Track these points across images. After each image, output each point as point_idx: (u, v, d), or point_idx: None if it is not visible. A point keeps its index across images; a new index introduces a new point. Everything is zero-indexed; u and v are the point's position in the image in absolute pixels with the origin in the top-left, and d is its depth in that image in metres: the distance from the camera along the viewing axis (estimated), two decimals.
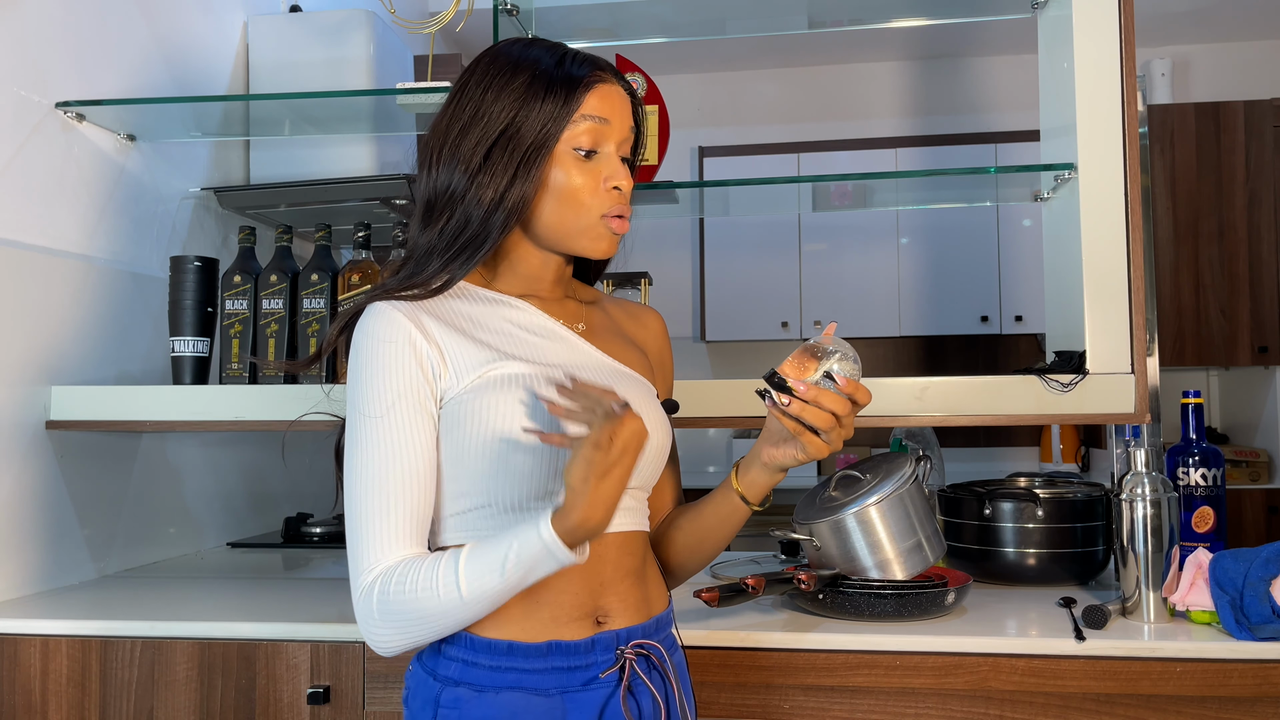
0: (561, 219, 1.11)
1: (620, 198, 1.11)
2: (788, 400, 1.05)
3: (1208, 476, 1.66)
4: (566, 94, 1.08)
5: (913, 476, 1.50)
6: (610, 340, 1.19)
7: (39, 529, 1.77)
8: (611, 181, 1.10)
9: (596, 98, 1.09)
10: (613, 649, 1.07)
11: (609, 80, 1.12)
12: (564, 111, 1.08)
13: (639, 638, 1.09)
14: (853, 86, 4.73)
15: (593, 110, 1.09)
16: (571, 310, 1.19)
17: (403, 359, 1.04)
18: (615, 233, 1.12)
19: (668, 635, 1.16)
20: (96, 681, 1.52)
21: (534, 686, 1.04)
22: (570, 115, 1.08)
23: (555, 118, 1.08)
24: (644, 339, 1.27)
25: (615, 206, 1.11)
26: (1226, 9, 4.11)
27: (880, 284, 4.47)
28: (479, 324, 1.10)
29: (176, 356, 1.82)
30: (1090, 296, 1.63)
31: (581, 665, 1.05)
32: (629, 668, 1.07)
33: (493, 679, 1.04)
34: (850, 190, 2.06)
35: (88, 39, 1.90)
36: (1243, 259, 3.88)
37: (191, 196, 2.17)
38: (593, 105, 1.09)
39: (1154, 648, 1.37)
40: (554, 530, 0.94)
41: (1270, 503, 3.75)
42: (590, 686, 1.05)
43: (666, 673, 1.11)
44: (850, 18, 2.29)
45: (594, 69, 1.11)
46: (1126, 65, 1.64)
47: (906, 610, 1.47)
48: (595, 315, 1.21)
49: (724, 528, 1.19)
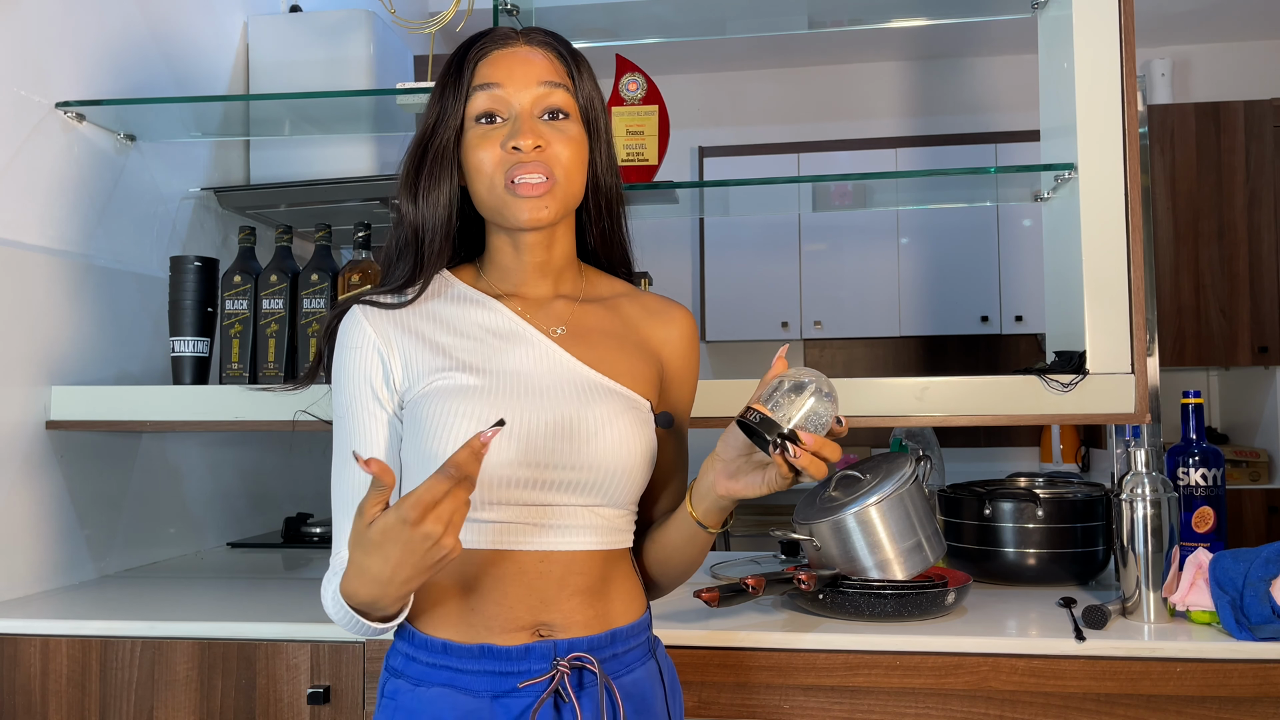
0: (480, 197, 1.08)
1: (517, 156, 1.04)
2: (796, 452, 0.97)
3: (1208, 476, 1.66)
4: (457, 74, 1.07)
5: (913, 476, 1.50)
6: (599, 345, 1.11)
7: (39, 529, 1.77)
8: (510, 141, 1.04)
9: (487, 65, 1.07)
10: (549, 659, 1.03)
11: (503, 45, 1.08)
12: (457, 91, 1.07)
13: (583, 649, 1.04)
14: (853, 86, 4.73)
15: (482, 79, 1.07)
16: (557, 311, 1.12)
17: (363, 363, 1.07)
18: (522, 196, 1.04)
19: (635, 649, 1.10)
20: (96, 681, 1.52)
21: (465, 686, 1.02)
22: (462, 93, 1.07)
23: (453, 100, 1.07)
24: (661, 341, 1.17)
25: (515, 166, 1.04)
26: (1226, 9, 4.11)
27: (880, 284, 4.47)
28: (448, 326, 1.09)
29: (176, 356, 1.82)
30: (1090, 296, 1.63)
31: (514, 671, 1.03)
32: (559, 679, 1.02)
33: (428, 674, 1.04)
34: (850, 190, 2.06)
35: (88, 39, 1.90)
36: (1243, 259, 3.88)
37: (191, 196, 2.17)
38: (482, 74, 1.07)
39: (1154, 648, 1.37)
40: (344, 601, 0.96)
41: (1270, 503, 3.75)
42: (518, 693, 1.02)
43: (612, 687, 1.05)
44: (850, 18, 2.29)
45: (488, 40, 1.09)
46: (1126, 65, 1.64)
47: (906, 610, 1.47)
48: (592, 315, 1.14)
49: (689, 548, 1.12)
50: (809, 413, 0.98)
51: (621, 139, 1.86)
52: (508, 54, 1.08)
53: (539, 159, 1.04)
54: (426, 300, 1.11)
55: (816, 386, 0.99)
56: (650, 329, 1.17)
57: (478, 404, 1.02)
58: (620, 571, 1.11)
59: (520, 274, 1.12)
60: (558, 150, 1.05)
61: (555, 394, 1.06)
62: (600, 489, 1.06)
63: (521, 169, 1.04)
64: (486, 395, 1.03)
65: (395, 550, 0.87)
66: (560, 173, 1.06)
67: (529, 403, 1.04)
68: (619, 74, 1.88)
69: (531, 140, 1.04)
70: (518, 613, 1.03)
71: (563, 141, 1.06)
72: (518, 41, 1.09)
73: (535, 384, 1.06)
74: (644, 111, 1.86)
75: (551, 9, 1.94)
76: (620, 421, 1.06)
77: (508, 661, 1.03)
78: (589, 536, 1.06)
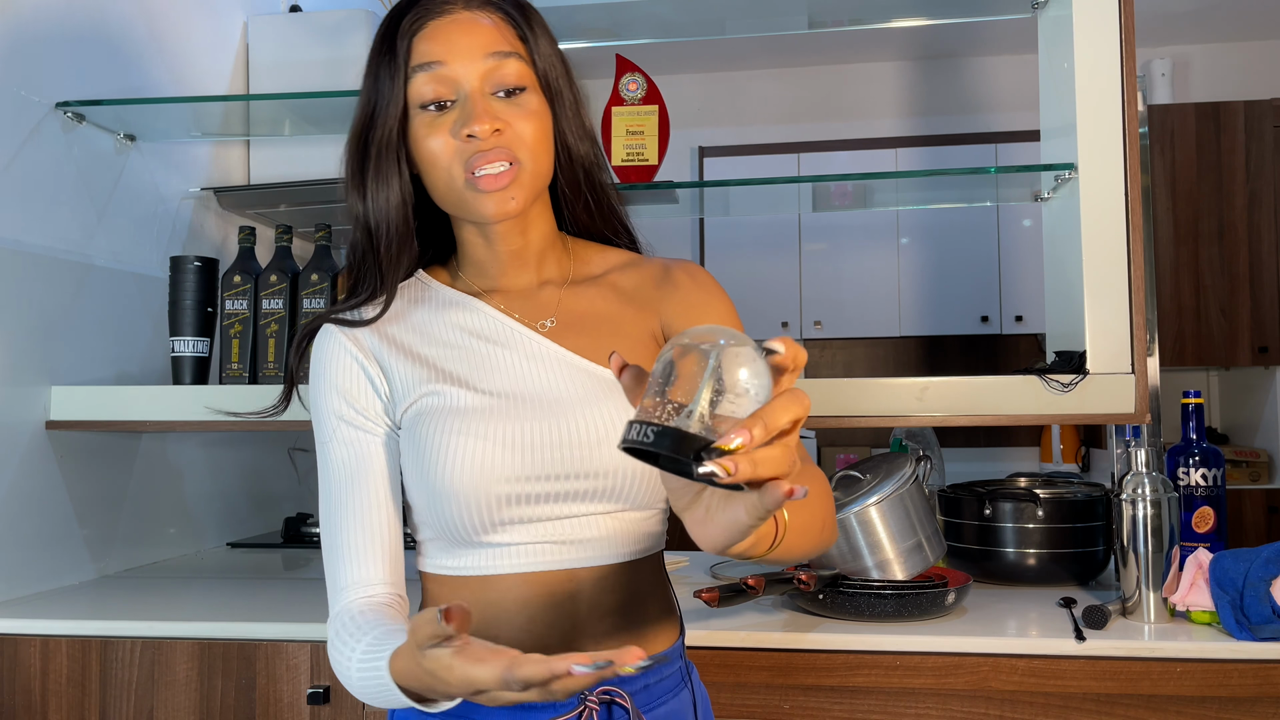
0: (437, 193, 0.97)
1: (474, 145, 0.92)
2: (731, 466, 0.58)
3: (1208, 477, 1.66)
4: (390, 52, 0.94)
5: (913, 476, 1.50)
6: (592, 332, 1.00)
7: (39, 529, 1.76)
8: (464, 129, 0.91)
9: (425, 40, 0.93)
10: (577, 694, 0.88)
11: (441, 12, 0.94)
12: (393, 73, 0.94)
13: (613, 682, 0.93)
14: (853, 86, 4.73)
15: (421, 57, 0.93)
16: (543, 301, 1.02)
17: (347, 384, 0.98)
18: (483, 190, 0.92)
19: (669, 678, 1.01)
20: (96, 682, 1.52)
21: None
22: (400, 74, 0.93)
23: (390, 83, 0.94)
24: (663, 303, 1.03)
25: (474, 158, 0.92)
26: (1226, 9, 4.11)
27: (880, 284, 4.47)
28: (429, 336, 1.00)
29: (176, 356, 1.82)
30: (1090, 296, 1.63)
31: (538, 708, 0.93)
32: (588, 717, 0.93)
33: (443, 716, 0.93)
34: (850, 190, 2.06)
35: (88, 39, 1.90)
36: (1243, 259, 3.88)
37: (191, 196, 2.17)
38: (421, 51, 0.93)
39: (1154, 648, 1.37)
40: (392, 678, 0.79)
41: (1270, 503, 3.75)
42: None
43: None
44: (850, 18, 2.29)
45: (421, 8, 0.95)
46: (1126, 65, 1.64)
47: (906, 610, 1.47)
48: (582, 298, 1.02)
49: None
50: (725, 387, 0.60)
51: (621, 139, 1.86)
52: (447, 23, 0.94)
53: (499, 144, 0.92)
54: (404, 308, 1.02)
55: (713, 345, 0.61)
56: (652, 297, 1.03)
57: (474, 422, 0.93)
58: (654, 584, 1.02)
59: (497, 266, 1.02)
60: (519, 130, 0.93)
61: (553, 396, 0.96)
62: (620, 493, 0.95)
63: (481, 159, 0.92)
64: (482, 413, 0.94)
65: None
66: (525, 155, 0.94)
67: (527, 410, 0.95)
68: (619, 74, 1.88)
69: (488, 125, 0.92)
70: (548, 642, 0.94)
71: (523, 119, 0.94)
72: (456, 6, 0.95)
73: (530, 389, 0.96)
74: (644, 111, 1.86)
75: (551, 9, 1.93)
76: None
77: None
78: (616, 547, 0.97)
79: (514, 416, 0.94)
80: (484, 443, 0.92)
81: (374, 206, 0.97)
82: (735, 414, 0.59)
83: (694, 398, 0.59)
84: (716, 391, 0.59)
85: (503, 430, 0.93)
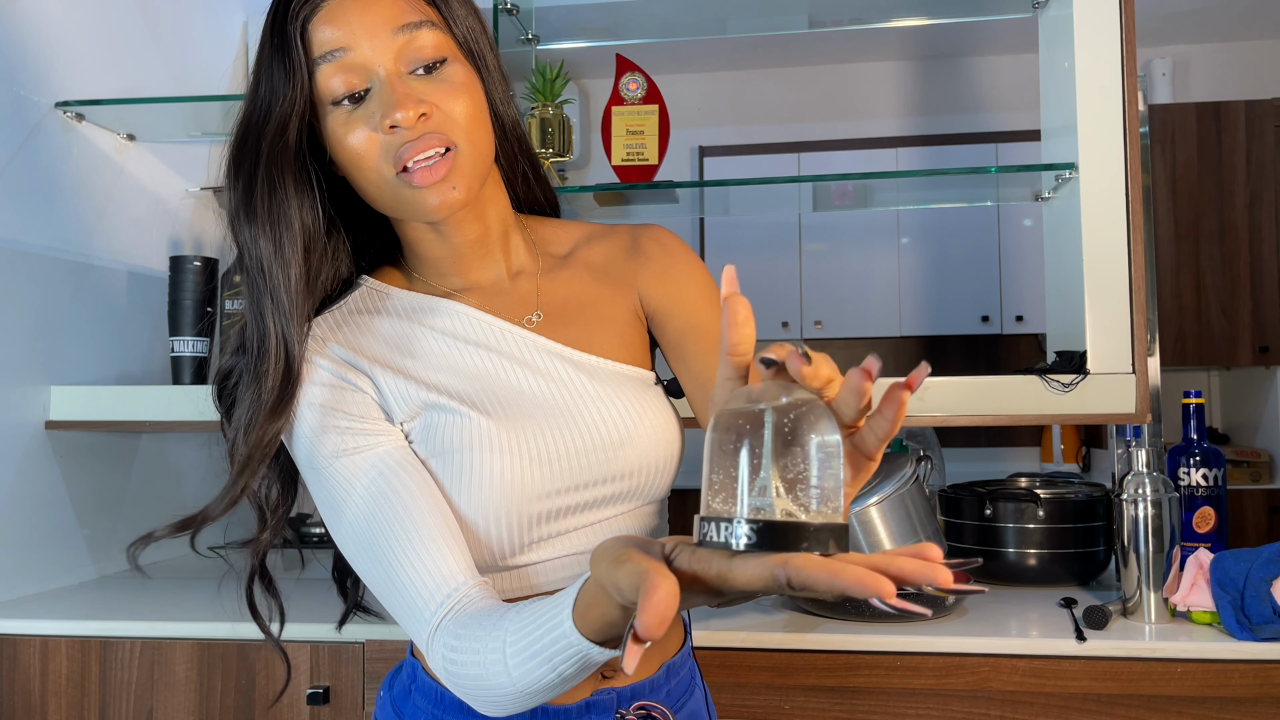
0: (369, 195, 0.85)
1: (403, 137, 0.80)
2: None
3: (1209, 477, 1.65)
4: (282, 44, 0.81)
5: (913, 476, 1.50)
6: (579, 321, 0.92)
7: (39, 529, 1.76)
8: (385, 120, 0.80)
9: (321, 25, 0.81)
10: (610, 711, 0.87)
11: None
12: (289, 69, 0.81)
13: (644, 695, 0.88)
14: (853, 86, 4.73)
15: (324, 45, 0.80)
16: (522, 294, 0.92)
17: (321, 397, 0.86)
18: (419, 185, 0.81)
19: (683, 678, 0.96)
20: (96, 682, 1.52)
21: None
22: (298, 70, 0.80)
23: (286, 81, 0.81)
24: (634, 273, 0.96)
25: (403, 150, 0.80)
26: (1227, 9, 4.10)
27: (880, 284, 4.47)
28: (404, 347, 0.88)
29: (176, 356, 1.82)
30: (1091, 296, 1.62)
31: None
32: None
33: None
34: (850, 190, 2.05)
35: (88, 39, 1.90)
36: (1244, 259, 3.88)
37: (191, 196, 2.17)
38: (320, 39, 0.81)
39: (1155, 648, 1.36)
40: (581, 633, 0.66)
41: (1271, 503, 3.75)
42: None
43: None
44: (850, 18, 2.29)
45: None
46: (1127, 65, 1.64)
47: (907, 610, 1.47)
48: (560, 284, 0.94)
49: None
50: (811, 461, 0.53)
51: (621, 138, 1.86)
52: (343, 2, 0.81)
53: (428, 129, 0.81)
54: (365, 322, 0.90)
55: (788, 407, 0.54)
56: (625, 271, 0.95)
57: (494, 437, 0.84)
58: None
59: (458, 261, 0.91)
60: (448, 109, 0.82)
61: (563, 399, 0.88)
62: (644, 491, 0.91)
63: (411, 149, 0.80)
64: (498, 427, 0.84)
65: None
66: (459, 136, 0.82)
67: (542, 418, 0.86)
68: (619, 73, 1.88)
69: (412, 110, 0.80)
70: None
71: (451, 95, 0.82)
72: None
73: (536, 394, 0.87)
74: (644, 111, 1.86)
75: (551, 9, 1.94)
76: (646, 409, 0.89)
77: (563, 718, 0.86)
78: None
79: (531, 427, 0.85)
80: (511, 458, 0.83)
81: (280, 231, 0.82)
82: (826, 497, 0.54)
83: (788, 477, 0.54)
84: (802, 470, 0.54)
85: (525, 444, 0.84)
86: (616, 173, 1.87)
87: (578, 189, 1.85)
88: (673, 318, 0.94)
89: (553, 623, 0.67)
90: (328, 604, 1.63)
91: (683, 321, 0.93)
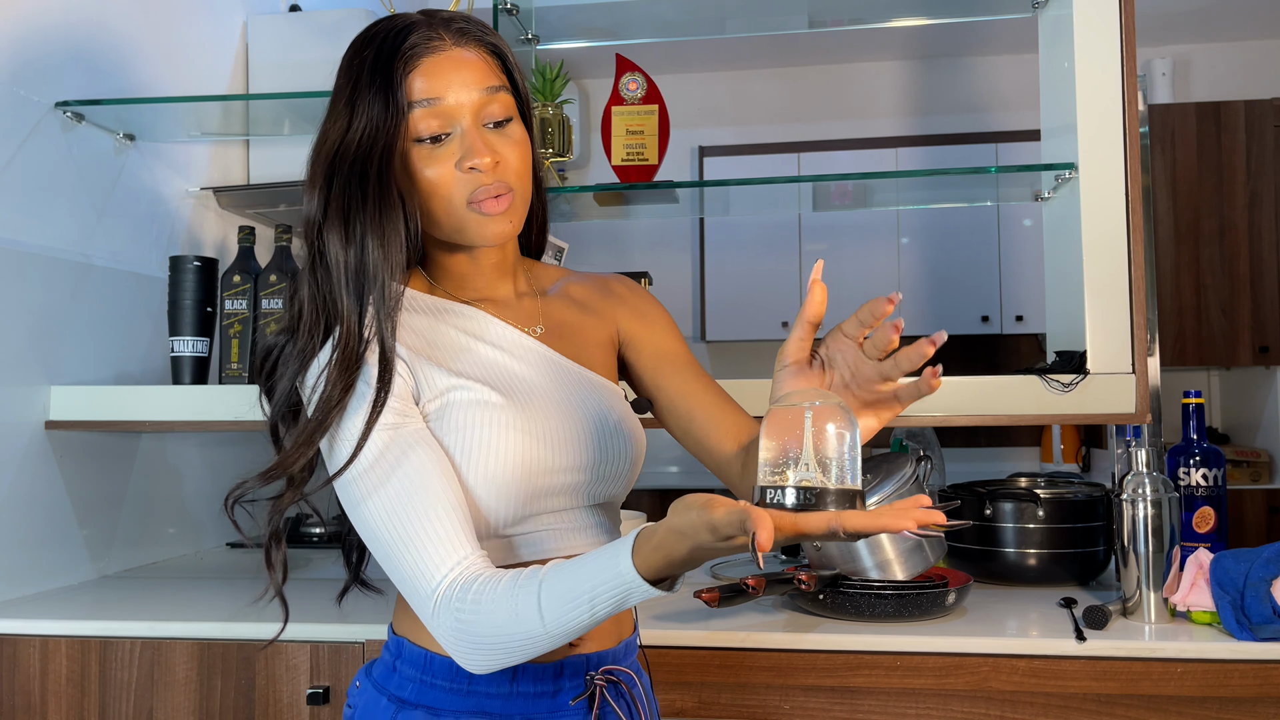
0: (434, 219, 1.00)
1: (479, 179, 0.98)
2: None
3: (1209, 477, 1.65)
4: (387, 88, 0.96)
5: (913, 476, 1.50)
6: (574, 340, 1.09)
7: (39, 529, 1.76)
8: (466, 162, 0.97)
9: (421, 76, 0.97)
10: (581, 674, 1.01)
11: (433, 49, 0.98)
12: (386, 104, 0.96)
13: (609, 663, 1.03)
14: (853, 86, 4.73)
15: (421, 94, 0.97)
16: (528, 310, 1.09)
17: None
18: (488, 214, 0.98)
19: (633, 660, 1.09)
20: (96, 682, 1.52)
21: (498, 712, 0.97)
22: (396, 107, 0.96)
23: (384, 114, 0.96)
24: (611, 309, 1.15)
25: (478, 190, 0.98)
26: (1226, 9, 4.10)
27: (880, 284, 4.47)
28: (431, 339, 1.02)
29: (176, 356, 1.82)
30: (1091, 296, 1.62)
31: (548, 692, 0.99)
32: (599, 695, 1.00)
33: (452, 702, 0.98)
34: (850, 190, 2.06)
35: (88, 39, 1.90)
36: (1243, 259, 3.88)
37: (191, 196, 2.17)
38: (419, 88, 0.97)
39: (1155, 648, 1.36)
40: (637, 571, 0.81)
41: (1271, 503, 3.75)
42: (557, 714, 0.99)
43: (635, 700, 1.05)
44: (850, 18, 2.29)
45: (414, 44, 0.97)
46: (1127, 65, 1.64)
47: (907, 610, 1.47)
48: (555, 308, 1.11)
49: None
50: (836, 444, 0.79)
51: (621, 139, 1.86)
52: (440, 60, 0.98)
53: (497, 176, 0.99)
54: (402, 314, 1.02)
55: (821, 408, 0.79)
56: (603, 307, 1.15)
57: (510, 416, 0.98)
58: None
59: (479, 279, 1.07)
60: (510, 160, 1.00)
61: (566, 396, 1.03)
62: (621, 477, 1.06)
63: (483, 190, 0.98)
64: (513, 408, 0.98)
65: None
66: (516, 182, 1.00)
67: (551, 409, 1.01)
68: (619, 73, 1.88)
69: (489, 158, 0.98)
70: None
71: (512, 149, 1.00)
72: (446, 43, 0.99)
73: (546, 389, 1.03)
74: (644, 111, 1.86)
75: (551, 9, 1.94)
76: (626, 414, 1.08)
77: (542, 682, 0.99)
78: (606, 535, 1.06)
79: (539, 412, 1.00)
80: (522, 436, 0.97)
81: (371, 242, 0.96)
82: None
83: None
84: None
85: (534, 424, 0.99)
86: (616, 173, 1.88)
87: (578, 189, 1.85)
88: (647, 345, 1.15)
89: (608, 565, 0.82)
90: (328, 604, 1.63)
91: (655, 349, 1.15)
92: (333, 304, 0.97)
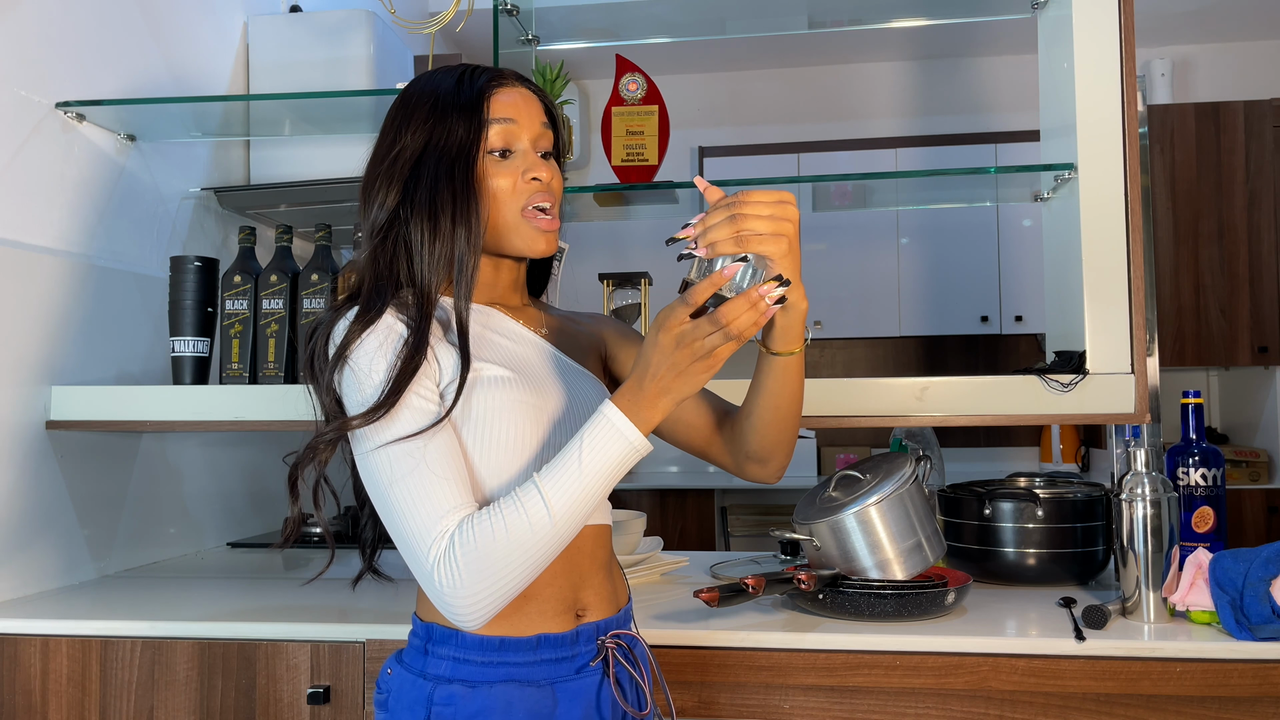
0: (493, 220, 1.15)
1: (539, 187, 1.15)
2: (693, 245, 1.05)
3: (1208, 476, 1.66)
4: (475, 103, 1.14)
5: (913, 476, 1.50)
6: (572, 347, 1.25)
7: (39, 529, 1.77)
8: (530, 174, 1.15)
9: (502, 102, 1.15)
10: (593, 640, 1.13)
11: (510, 84, 1.18)
12: (471, 119, 1.13)
13: (614, 628, 1.16)
14: (853, 86, 4.73)
15: (498, 113, 1.15)
16: (534, 316, 1.24)
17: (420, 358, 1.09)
18: (540, 229, 1.16)
19: (631, 627, 1.22)
20: (96, 681, 1.52)
21: (526, 678, 1.09)
22: (479, 122, 1.13)
23: (466, 127, 1.13)
24: (600, 328, 1.33)
25: (535, 196, 1.15)
26: (1226, 9, 4.11)
27: (880, 284, 4.47)
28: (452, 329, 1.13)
29: (176, 356, 1.82)
30: (1090, 296, 1.63)
31: (568, 656, 1.11)
32: (611, 657, 1.13)
33: (485, 674, 1.08)
34: (850, 190, 2.06)
35: (88, 39, 1.90)
36: (1243, 259, 3.88)
37: (191, 196, 2.17)
38: (501, 109, 1.15)
39: (1154, 648, 1.37)
40: (618, 408, 1.01)
41: (1270, 503, 3.75)
42: (580, 675, 1.11)
43: (638, 660, 1.18)
44: (850, 18, 2.29)
45: (492, 77, 1.17)
46: (1126, 65, 1.64)
47: (906, 610, 1.47)
48: (555, 320, 1.28)
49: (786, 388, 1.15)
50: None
51: (621, 139, 1.86)
52: (516, 93, 1.17)
53: (549, 190, 1.17)
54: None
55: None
56: (593, 327, 1.32)
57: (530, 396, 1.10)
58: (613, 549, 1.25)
59: (497, 289, 1.21)
60: (556, 185, 1.18)
61: (571, 385, 1.17)
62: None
63: (539, 197, 1.15)
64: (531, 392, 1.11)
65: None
66: (557, 205, 1.18)
67: (560, 394, 1.14)
68: (619, 74, 1.88)
69: (548, 173, 1.16)
70: (564, 592, 1.12)
71: (554, 175, 1.18)
72: (518, 85, 1.19)
73: (550, 375, 1.16)
74: (644, 111, 1.86)
75: (551, 9, 1.94)
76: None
77: (562, 648, 1.11)
78: (603, 513, 1.18)
79: (550, 396, 1.13)
80: (532, 409, 1.10)
81: (459, 230, 1.11)
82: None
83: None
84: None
85: (546, 404, 1.12)
86: (616, 173, 1.88)
87: (578, 189, 1.85)
88: (630, 359, 1.30)
89: (592, 424, 1.01)
90: (328, 604, 1.63)
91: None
92: (410, 279, 1.11)
